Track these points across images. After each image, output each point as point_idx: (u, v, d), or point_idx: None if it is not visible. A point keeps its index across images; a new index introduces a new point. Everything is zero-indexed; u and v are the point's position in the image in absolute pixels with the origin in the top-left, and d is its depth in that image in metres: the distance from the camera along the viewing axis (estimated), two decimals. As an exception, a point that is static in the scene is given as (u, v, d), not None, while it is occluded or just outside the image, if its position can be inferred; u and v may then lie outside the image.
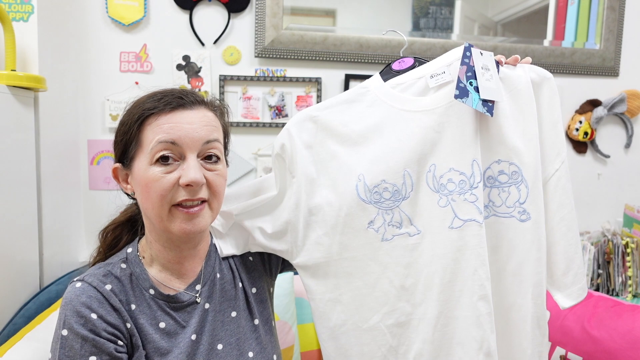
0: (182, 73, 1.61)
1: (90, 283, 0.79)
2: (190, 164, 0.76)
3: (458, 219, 0.81)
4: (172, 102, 0.78)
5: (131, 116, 0.80)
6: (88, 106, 1.58)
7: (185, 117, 0.78)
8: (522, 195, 0.82)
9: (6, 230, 1.12)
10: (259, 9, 1.61)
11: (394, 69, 0.89)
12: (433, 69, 0.85)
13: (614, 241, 1.72)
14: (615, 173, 1.88)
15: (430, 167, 0.83)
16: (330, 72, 1.68)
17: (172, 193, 0.76)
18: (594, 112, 1.80)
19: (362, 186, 0.84)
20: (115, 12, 1.55)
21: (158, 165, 0.76)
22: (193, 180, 0.75)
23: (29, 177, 1.23)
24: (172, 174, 0.76)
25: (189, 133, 0.77)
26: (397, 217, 0.84)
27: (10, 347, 1.03)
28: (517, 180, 0.82)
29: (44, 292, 1.24)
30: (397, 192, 0.84)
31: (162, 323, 0.82)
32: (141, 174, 0.78)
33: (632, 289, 1.69)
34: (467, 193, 0.80)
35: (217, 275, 0.89)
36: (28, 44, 1.26)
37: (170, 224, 0.78)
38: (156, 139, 0.76)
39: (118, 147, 0.83)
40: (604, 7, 1.78)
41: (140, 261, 0.85)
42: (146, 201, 0.78)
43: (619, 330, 1.17)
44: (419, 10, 1.72)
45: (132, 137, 0.79)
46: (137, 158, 0.79)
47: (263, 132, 1.66)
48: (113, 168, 0.84)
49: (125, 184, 0.84)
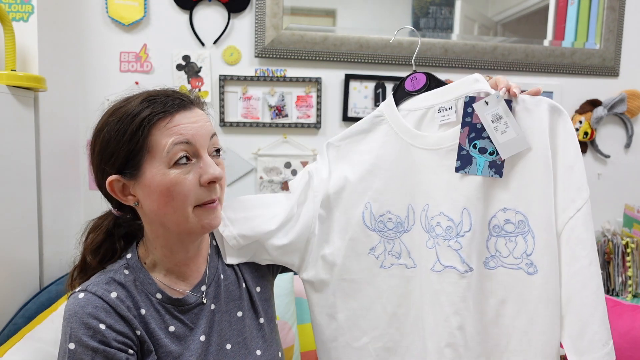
0: (182, 73, 1.61)
1: (94, 292, 0.76)
2: (207, 161, 0.78)
3: (439, 263, 0.82)
4: (175, 104, 0.78)
5: (129, 124, 0.76)
6: (88, 106, 1.57)
7: (189, 117, 0.79)
8: (528, 247, 0.79)
9: (6, 230, 1.12)
10: (259, 9, 1.61)
11: (407, 89, 0.89)
12: (442, 100, 0.84)
13: (614, 241, 1.72)
14: (615, 173, 1.88)
15: (424, 207, 0.85)
16: (330, 72, 1.69)
17: (194, 194, 0.77)
18: (594, 112, 1.80)
19: (369, 214, 0.88)
20: (115, 12, 1.55)
21: (177, 168, 0.75)
22: (216, 176, 0.77)
23: (29, 177, 1.23)
24: (191, 174, 0.76)
25: (199, 131, 0.78)
26: (397, 247, 0.88)
27: (10, 347, 1.03)
28: (524, 230, 0.79)
29: (44, 292, 1.24)
30: (399, 224, 0.87)
31: (172, 327, 0.81)
32: (159, 179, 0.75)
33: (632, 289, 1.69)
34: (452, 240, 0.80)
35: (221, 276, 0.89)
36: (28, 44, 1.26)
37: (194, 224, 0.78)
38: (171, 141, 0.75)
39: (116, 157, 0.77)
40: (604, 7, 1.78)
41: (143, 266, 0.83)
42: (165, 207, 0.76)
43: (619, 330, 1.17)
44: (419, 10, 1.72)
45: (141, 144, 0.75)
46: (148, 165, 0.76)
47: (263, 132, 1.66)
48: (109, 181, 0.78)
49: (125, 197, 0.79)
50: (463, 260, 0.79)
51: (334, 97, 1.70)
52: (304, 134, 1.69)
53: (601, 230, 1.81)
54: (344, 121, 1.71)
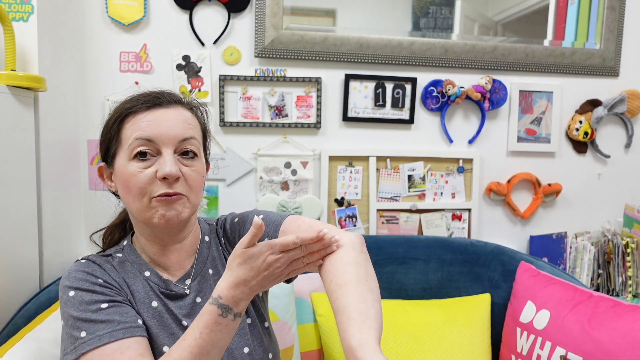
0: (182, 73, 1.61)
1: (94, 261, 0.87)
2: (166, 158, 0.81)
3: None
4: (149, 101, 0.83)
5: (112, 116, 0.86)
6: (88, 106, 1.58)
7: (161, 115, 0.83)
8: None
9: (6, 230, 1.12)
10: (259, 9, 1.61)
11: None
12: None
13: (614, 241, 1.72)
14: (615, 173, 1.88)
15: None
16: (330, 72, 1.69)
17: (151, 187, 0.81)
18: (594, 112, 1.80)
19: None
20: (115, 12, 1.55)
21: (136, 161, 0.81)
22: (168, 173, 0.79)
23: (29, 177, 1.23)
24: (149, 169, 0.81)
25: (165, 130, 0.81)
26: None
27: (10, 347, 1.03)
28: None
29: (44, 292, 1.24)
30: None
31: (155, 302, 0.85)
32: (121, 169, 0.82)
33: (632, 289, 1.69)
34: None
35: (209, 271, 0.91)
36: (28, 44, 1.26)
37: (151, 215, 0.82)
38: (134, 136, 0.81)
39: (102, 147, 0.88)
40: (604, 7, 1.78)
41: (135, 250, 0.90)
42: (127, 195, 0.83)
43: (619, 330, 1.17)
44: (419, 10, 1.72)
45: (113, 136, 0.84)
46: (117, 155, 0.84)
47: (263, 132, 1.66)
48: (98, 167, 0.90)
49: (109, 182, 0.89)
50: None
51: (334, 97, 1.70)
52: (304, 134, 1.69)
53: (601, 230, 1.82)
54: (344, 121, 1.71)
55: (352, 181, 1.72)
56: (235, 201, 1.65)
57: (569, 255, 1.74)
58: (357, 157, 1.72)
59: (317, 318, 1.41)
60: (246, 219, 0.95)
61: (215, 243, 0.95)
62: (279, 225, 0.88)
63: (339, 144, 1.72)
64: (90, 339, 0.74)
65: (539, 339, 1.29)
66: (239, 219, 0.97)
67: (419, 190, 1.76)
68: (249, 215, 0.96)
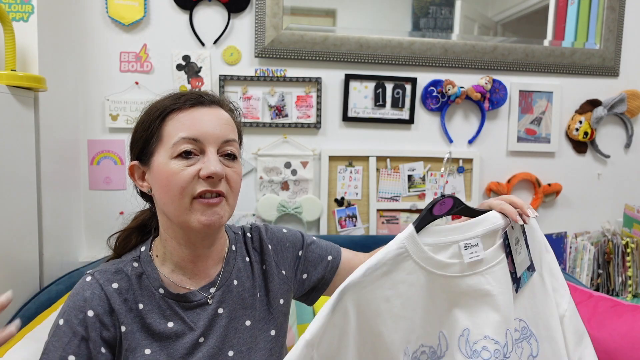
0: (182, 73, 1.61)
1: (97, 280, 0.81)
2: (210, 157, 0.79)
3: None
4: (191, 99, 0.82)
5: (151, 114, 0.83)
6: (88, 106, 1.58)
7: (204, 114, 0.81)
8: (533, 349, 0.82)
9: (6, 230, 1.12)
10: (259, 9, 1.61)
11: (434, 213, 0.84)
12: (466, 235, 0.82)
13: (614, 241, 1.72)
14: (615, 173, 1.88)
15: (463, 332, 0.80)
16: (330, 72, 1.69)
17: (192, 185, 0.78)
18: (594, 112, 1.80)
19: (408, 357, 0.80)
20: (115, 12, 1.55)
21: (179, 159, 0.79)
22: (214, 172, 0.77)
23: (29, 177, 1.23)
24: (192, 167, 0.78)
25: (209, 129, 0.80)
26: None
27: (10, 347, 1.03)
28: (527, 335, 0.82)
29: (44, 292, 1.24)
30: (433, 353, 0.81)
31: (171, 323, 0.82)
32: (161, 167, 0.80)
33: (632, 289, 1.69)
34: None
35: (234, 282, 0.88)
36: (28, 44, 1.26)
37: (190, 217, 0.79)
38: (179, 135, 0.79)
39: (136, 145, 0.84)
40: (604, 7, 1.78)
41: (152, 260, 0.85)
42: (165, 195, 0.80)
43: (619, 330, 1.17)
44: (419, 10, 1.72)
45: (153, 133, 0.81)
46: (157, 153, 0.81)
47: (263, 132, 1.66)
48: (130, 166, 0.85)
49: (141, 182, 0.85)
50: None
51: (334, 97, 1.70)
52: (304, 134, 1.69)
53: (601, 230, 1.82)
54: (344, 121, 1.71)
55: (352, 181, 1.72)
56: (235, 201, 1.65)
57: (569, 255, 1.75)
58: (357, 157, 1.72)
59: (317, 318, 1.41)
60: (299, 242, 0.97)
61: (241, 254, 0.92)
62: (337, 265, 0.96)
63: (339, 144, 1.72)
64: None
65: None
66: (287, 231, 0.98)
67: (419, 190, 1.76)
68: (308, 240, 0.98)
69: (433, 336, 0.81)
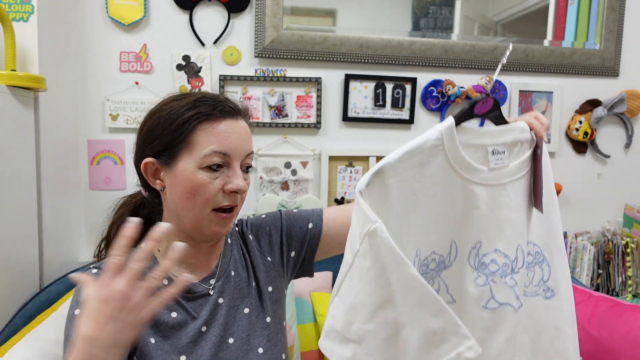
0: (182, 73, 1.61)
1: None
2: (237, 172, 0.82)
3: (494, 300, 0.78)
4: (223, 110, 0.83)
5: (180, 116, 0.80)
6: (88, 106, 1.58)
7: (234, 127, 0.83)
8: (544, 274, 0.83)
9: (6, 230, 1.12)
10: (259, 9, 1.61)
11: (475, 112, 0.82)
12: (496, 141, 0.80)
13: (614, 241, 1.72)
14: (615, 173, 1.88)
15: (476, 244, 0.79)
16: (330, 72, 1.69)
17: (216, 198, 0.81)
18: (594, 112, 1.80)
19: (418, 262, 0.77)
20: (115, 12, 1.55)
21: (207, 171, 0.80)
22: (241, 188, 0.81)
23: (29, 177, 1.23)
24: (217, 180, 0.81)
25: (239, 145, 0.83)
26: (435, 285, 0.79)
27: (10, 347, 1.03)
28: (540, 260, 0.82)
29: (44, 292, 1.24)
30: (441, 262, 0.80)
31: (174, 313, 0.84)
32: (187, 175, 0.80)
33: (632, 289, 1.69)
34: (508, 277, 0.78)
35: (231, 272, 0.91)
36: (28, 44, 1.26)
37: (205, 225, 0.82)
38: (210, 148, 0.80)
39: (157, 143, 0.82)
40: (604, 7, 1.78)
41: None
42: (186, 202, 0.81)
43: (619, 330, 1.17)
44: (419, 10, 1.72)
45: (182, 137, 0.81)
46: (182, 158, 0.81)
47: (263, 132, 1.66)
48: (144, 162, 0.83)
49: (154, 179, 0.84)
50: (517, 296, 0.79)
51: (334, 97, 1.70)
52: (304, 134, 1.69)
53: (601, 230, 1.82)
54: (344, 121, 1.71)
55: (352, 181, 1.72)
56: (235, 201, 1.65)
57: (569, 255, 1.74)
58: (357, 157, 1.72)
59: (317, 318, 1.41)
60: (278, 218, 0.98)
61: (236, 245, 0.95)
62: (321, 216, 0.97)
63: (339, 144, 1.72)
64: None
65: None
66: (266, 216, 0.99)
67: (419, 190, 1.76)
68: (286, 214, 0.98)
69: (445, 244, 0.79)
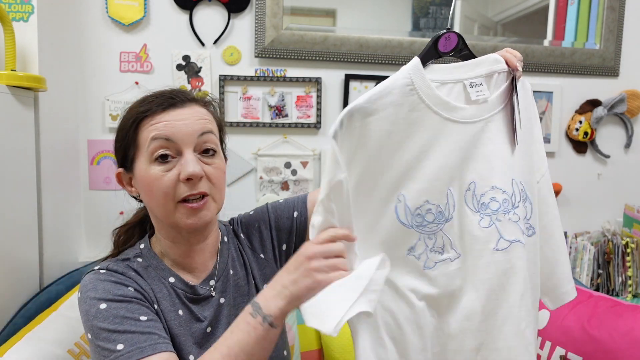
0: (182, 73, 1.61)
1: (115, 270, 0.81)
2: (187, 158, 0.79)
3: (504, 239, 0.75)
4: (163, 103, 0.81)
5: (126, 121, 0.83)
6: (88, 106, 1.58)
7: (177, 114, 0.81)
8: (527, 212, 0.80)
9: (6, 230, 1.12)
10: (259, 9, 1.61)
11: (440, 49, 0.78)
12: (470, 75, 0.78)
13: (614, 241, 1.72)
14: (615, 173, 1.88)
15: (469, 185, 0.76)
16: (330, 72, 1.68)
17: (174, 189, 0.78)
18: (594, 112, 1.80)
19: (403, 208, 0.74)
20: (115, 12, 1.55)
21: (157, 164, 0.79)
22: (192, 173, 0.77)
23: (29, 177, 1.23)
24: (172, 172, 0.79)
25: (183, 128, 0.79)
26: (439, 241, 0.76)
27: (10, 347, 1.03)
28: (524, 197, 0.79)
29: (44, 292, 1.24)
30: (440, 214, 0.75)
31: (180, 311, 0.84)
32: (142, 174, 0.80)
33: (632, 289, 1.69)
34: (511, 212, 0.76)
35: (230, 271, 0.91)
36: (28, 44, 1.26)
37: (177, 219, 0.80)
38: (151, 137, 0.79)
39: (118, 153, 0.85)
40: (604, 7, 1.78)
41: (155, 255, 0.87)
42: (151, 200, 0.81)
43: (619, 330, 1.17)
44: (419, 10, 1.72)
45: (130, 140, 0.82)
46: (137, 160, 0.82)
47: (263, 132, 1.66)
48: (117, 173, 0.86)
49: (129, 187, 0.86)
50: (523, 230, 0.76)
51: (334, 97, 1.70)
52: (304, 134, 1.69)
53: (601, 230, 1.81)
54: (344, 121, 1.71)
55: (352, 181, 1.72)
56: (235, 201, 1.65)
57: (569, 255, 1.75)
58: (357, 157, 1.72)
59: (317, 318, 1.41)
60: (265, 212, 0.98)
61: (233, 243, 0.95)
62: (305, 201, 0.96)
63: (339, 144, 1.71)
64: (130, 351, 0.72)
65: (539, 338, 1.29)
66: (254, 212, 0.99)
67: (419, 190, 1.76)
68: (271, 208, 0.98)
69: (441, 193, 0.75)
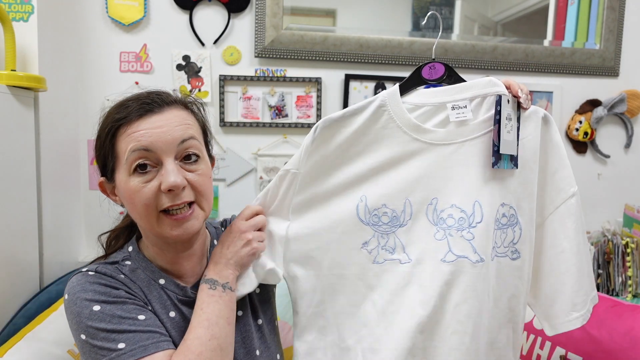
0: (182, 73, 1.61)
1: (104, 273, 0.79)
2: (168, 168, 0.74)
3: (452, 253, 0.83)
4: (140, 109, 0.76)
5: (103, 130, 0.79)
6: (88, 106, 1.57)
7: (154, 121, 0.76)
8: (515, 236, 0.87)
9: (6, 230, 1.12)
10: (259, 9, 1.61)
11: (424, 77, 0.87)
12: (455, 98, 0.84)
13: (614, 241, 1.71)
14: (615, 173, 1.88)
15: (432, 201, 0.85)
16: (330, 72, 1.68)
17: (156, 201, 0.75)
18: (594, 112, 1.80)
19: (363, 207, 0.86)
20: (115, 12, 1.55)
21: (137, 175, 0.75)
22: (172, 184, 0.73)
23: (29, 177, 1.23)
24: (152, 182, 0.75)
25: (161, 137, 0.75)
26: (391, 242, 0.86)
27: (10, 347, 1.03)
28: (513, 223, 0.87)
29: (44, 292, 1.24)
30: (395, 219, 0.86)
31: (172, 312, 0.82)
32: (123, 185, 0.77)
33: (632, 289, 1.69)
34: (465, 230, 0.83)
35: None
36: (28, 44, 1.26)
37: (161, 230, 0.77)
38: (129, 148, 0.74)
39: (99, 161, 0.82)
40: (604, 7, 1.78)
41: (144, 257, 0.85)
42: (133, 211, 0.79)
43: (619, 330, 1.17)
44: (419, 10, 1.72)
45: (108, 151, 0.78)
46: (116, 170, 0.78)
47: (263, 132, 1.66)
48: (99, 182, 0.83)
49: (113, 197, 0.83)
50: (475, 250, 0.82)
51: (334, 97, 1.70)
52: (304, 134, 1.67)
53: (601, 230, 1.81)
54: (344, 121, 1.71)
55: (352, 181, 1.72)
56: (235, 201, 1.65)
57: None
58: (357, 157, 1.72)
59: (317, 318, 1.41)
60: None
61: None
62: None
63: (339, 144, 1.71)
64: (132, 350, 0.71)
65: (539, 339, 1.29)
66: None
67: (419, 190, 1.76)
68: None
69: (399, 201, 0.85)
